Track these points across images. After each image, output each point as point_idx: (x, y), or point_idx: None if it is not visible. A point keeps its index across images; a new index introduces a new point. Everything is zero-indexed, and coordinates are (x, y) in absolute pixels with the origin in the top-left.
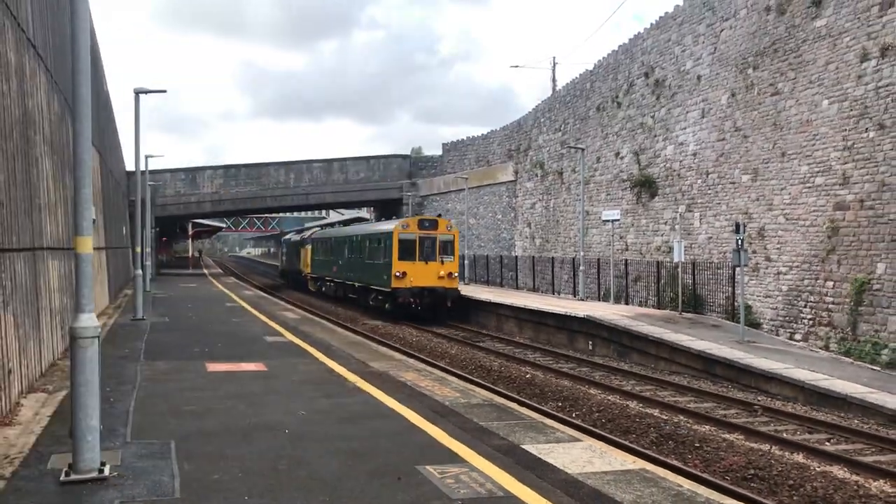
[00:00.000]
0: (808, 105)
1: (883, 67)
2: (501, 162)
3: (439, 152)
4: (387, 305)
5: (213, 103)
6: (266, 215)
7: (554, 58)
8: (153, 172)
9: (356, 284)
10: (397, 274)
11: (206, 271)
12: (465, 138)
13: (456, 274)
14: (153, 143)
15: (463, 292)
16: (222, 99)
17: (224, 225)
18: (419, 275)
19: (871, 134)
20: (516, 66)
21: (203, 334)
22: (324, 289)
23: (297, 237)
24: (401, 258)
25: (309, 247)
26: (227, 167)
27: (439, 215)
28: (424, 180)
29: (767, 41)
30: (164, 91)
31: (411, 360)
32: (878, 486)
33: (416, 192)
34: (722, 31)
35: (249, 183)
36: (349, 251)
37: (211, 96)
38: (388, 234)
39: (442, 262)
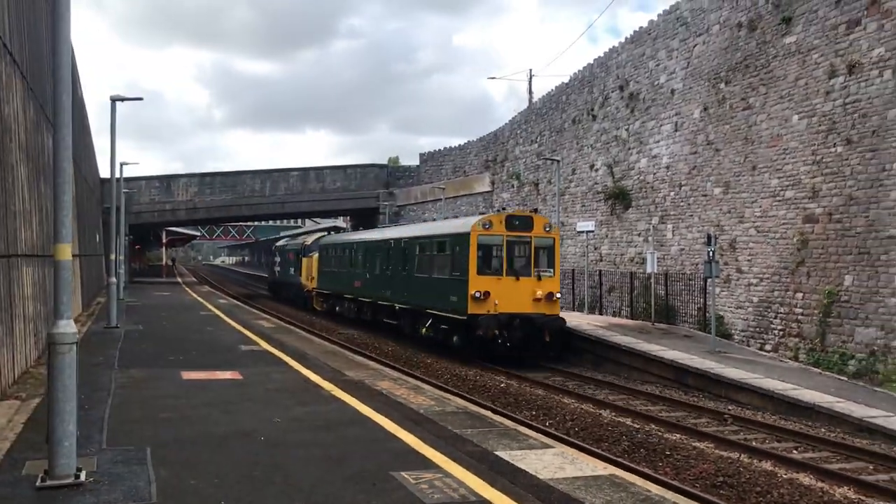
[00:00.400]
0: (778, 120)
1: (850, 84)
2: (478, 172)
3: (416, 162)
4: (455, 338)
5: (190, 111)
6: (241, 224)
7: (530, 70)
8: (127, 180)
9: (398, 306)
10: (476, 295)
11: (179, 280)
12: (442, 149)
13: (558, 295)
14: (128, 150)
15: None
16: (200, 107)
17: (198, 233)
18: (507, 296)
19: (839, 149)
20: (493, 78)
21: (178, 342)
22: (338, 308)
23: (295, 243)
24: (481, 272)
25: (315, 255)
26: (202, 175)
27: (535, 210)
28: (401, 190)
29: (739, 56)
30: (141, 99)
31: (387, 370)
32: (842, 492)
33: (393, 202)
34: (695, 46)
35: (225, 191)
36: (387, 261)
37: (188, 104)
38: (462, 237)
39: (539, 278)
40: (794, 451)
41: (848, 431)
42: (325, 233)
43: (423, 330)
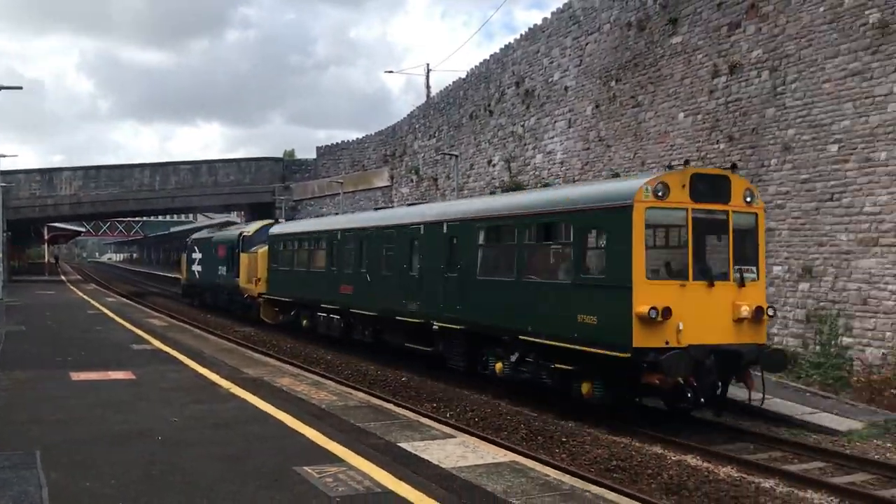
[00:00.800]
0: (665, 117)
1: (731, 84)
2: (377, 167)
3: (313, 156)
4: (590, 388)
5: (73, 102)
6: (129, 219)
7: (428, 64)
8: (5, 173)
9: (437, 326)
10: (651, 314)
11: (64, 278)
12: (339, 142)
13: (768, 312)
14: (5, 143)
15: None
16: (83, 98)
17: (83, 229)
18: (698, 315)
19: (722, 146)
20: (391, 72)
21: (65, 343)
22: (306, 323)
23: (225, 235)
24: (654, 274)
25: (261, 250)
26: (87, 168)
27: (734, 166)
28: (298, 184)
29: (629, 55)
30: (20, 88)
31: (287, 366)
32: (725, 471)
33: (290, 196)
34: (587, 44)
35: (111, 185)
36: (409, 255)
37: (71, 95)
38: (616, 214)
39: (741, 283)
40: (681, 435)
41: (733, 414)
42: (272, 221)
43: (499, 365)
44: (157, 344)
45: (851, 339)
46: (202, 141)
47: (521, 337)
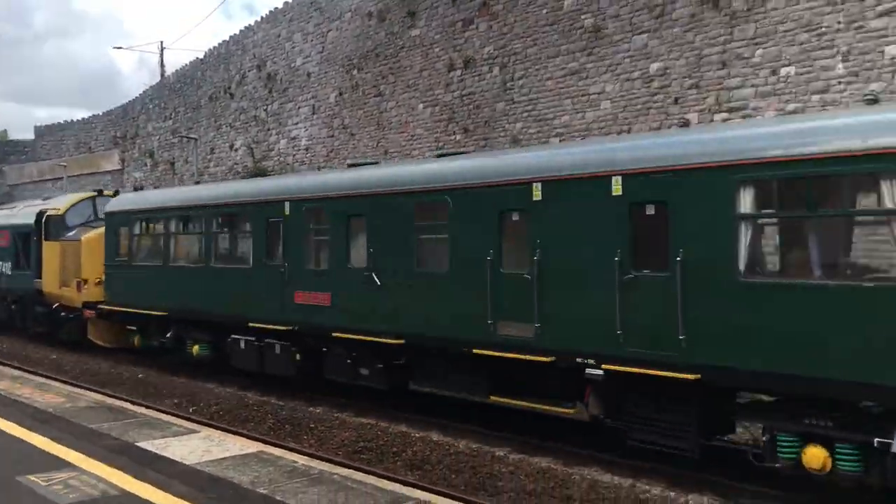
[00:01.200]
0: (406, 107)
1: (466, 78)
2: (106, 149)
3: (32, 136)
4: None
5: None
6: None
7: (162, 42)
8: None
9: (605, 368)
10: None
11: None
12: (63, 122)
13: None
14: None
15: None
16: None
17: None
18: None
19: (458, 137)
20: (120, 48)
21: None
22: (199, 351)
23: (7, 217)
24: None
25: (88, 237)
26: None
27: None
28: (13, 167)
29: (370, 45)
30: None
31: (6, 369)
32: (464, 444)
33: (4, 181)
34: (329, 31)
35: None
36: (535, 239)
37: None
38: None
39: None
40: (424, 414)
41: None
42: (98, 191)
43: (818, 454)
44: None
45: None
46: None
47: None
